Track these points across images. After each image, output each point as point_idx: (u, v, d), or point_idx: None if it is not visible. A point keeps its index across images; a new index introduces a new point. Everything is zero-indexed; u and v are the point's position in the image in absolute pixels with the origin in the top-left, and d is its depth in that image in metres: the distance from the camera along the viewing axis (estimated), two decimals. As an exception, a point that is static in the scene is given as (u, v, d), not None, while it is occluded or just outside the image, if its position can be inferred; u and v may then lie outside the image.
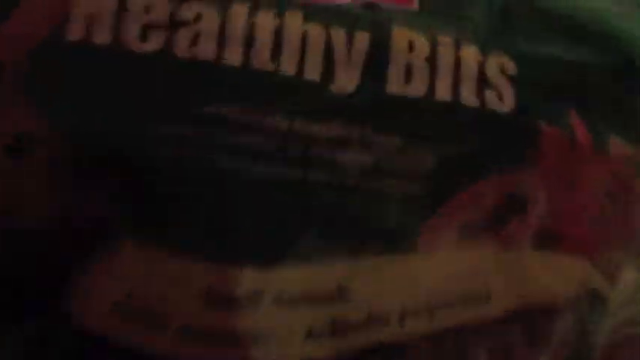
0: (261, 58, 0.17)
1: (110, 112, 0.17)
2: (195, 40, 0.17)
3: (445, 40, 0.19)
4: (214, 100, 0.17)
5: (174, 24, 0.17)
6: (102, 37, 0.17)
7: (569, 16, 0.20)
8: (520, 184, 0.19)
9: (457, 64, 0.18)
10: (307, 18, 0.18)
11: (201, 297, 0.18)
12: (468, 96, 0.18)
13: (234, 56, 0.17)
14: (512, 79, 0.19)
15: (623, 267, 0.21)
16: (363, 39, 0.18)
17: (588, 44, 0.20)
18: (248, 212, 0.18)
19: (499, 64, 0.19)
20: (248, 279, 0.18)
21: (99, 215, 0.17)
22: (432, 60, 0.18)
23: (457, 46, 0.19)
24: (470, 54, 0.19)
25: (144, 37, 0.17)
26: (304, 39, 0.18)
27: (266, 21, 0.18)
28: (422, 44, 0.18)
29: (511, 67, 0.19)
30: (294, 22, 0.18)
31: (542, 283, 0.20)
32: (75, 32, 0.17)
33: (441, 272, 0.19)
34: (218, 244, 0.18)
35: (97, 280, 0.18)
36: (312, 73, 0.18)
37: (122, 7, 0.17)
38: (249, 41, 0.17)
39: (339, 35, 0.18)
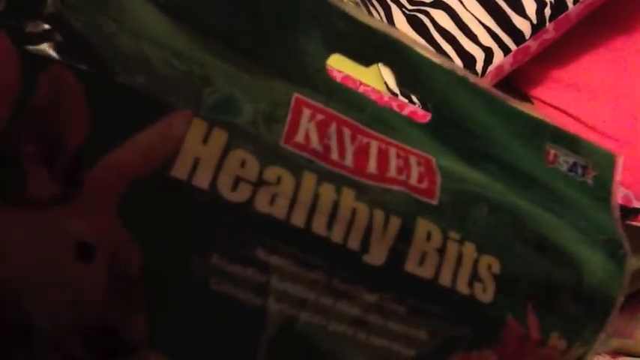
0: (320, 224, 0.21)
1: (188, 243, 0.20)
2: (273, 199, 0.21)
3: (453, 236, 0.23)
4: (277, 251, 0.20)
5: (260, 182, 0.21)
6: (201, 181, 0.20)
7: (543, 236, 0.25)
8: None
9: (459, 258, 0.23)
10: (357, 197, 0.22)
11: None
12: (463, 285, 0.23)
13: (300, 218, 0.21)
14: (495, 277, 0.24)
15: None
16: (395, 224, 0.22)
17: (551, 260, 0.25)
18: (271, 346, 0.21)
19: (488, 264, 0.24)
20: None
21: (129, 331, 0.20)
22: (441, 251, 0.23)
23: (461, 242, 0.23)
24: (469, 251, 0.23)
25: (234, 187, 0.20)
26: (353, 214, 0.22)
27: (327, 192, 0.21)
28: (437, 236, 0.23)
29: (496, 267, 0.24)
30: (347, 198, 0.22)
31: None
32: (179, 171, 0.20)
33: None
34: None
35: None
36: (354, 243, 0.22)
37: (223, 157, 0.20)
38: (313, 207, 0.21)
39: (378, 217, 0.22)
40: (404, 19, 0.55)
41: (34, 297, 0.19)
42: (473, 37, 0.53)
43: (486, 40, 0.53)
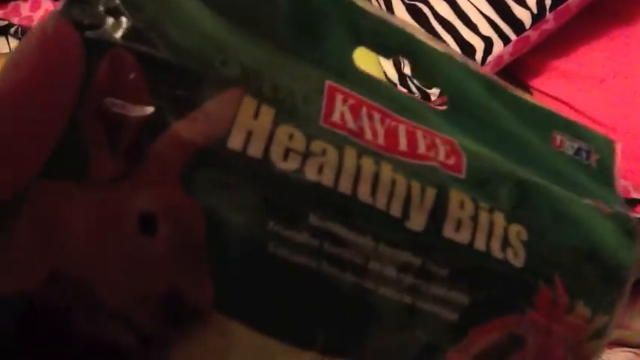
0: (365, 192, 0.22)
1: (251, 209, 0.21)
2: (320, 169, 0.22)
3: (483, 206, 0.25)
4: (328, 217, 0.22)
5: (308, 153, 0.22)
6: (255, 151, 0.21)
7: (561, 209, 0.27)
8: (519, 326, 0.25)
9: (491, 225, 0.25)
10: (394, 169, 0.23)
11: None
12: (497, 250, 0.24)
13: (346, 186, 0.22)
14: (524, 244, 0.25)
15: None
16: (431, 193, 0.24)
17: (570, 230, 0.27)
18: (324, 307, 0.22)
19: (517, 231, 0.25)
20: None
21: (196, 295, 0.21)
22: (474, 219, 0.24)
23: (491, 211, 0.25)
24: (499, 220, 0.25)
25: (285, 157, 0.21)
26: (393, 185, 0.23)
27: (368, 164, 0.23)
28: (468, 205, 0.24)
29: (524, 235, 0.25)
30: (386, 170, 0.23)
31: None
32: (235, 142, 0.21)
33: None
34: (292, 328, 0.21)
35: (187, 347, 0.21)
36: (396, 211, 0.23)
37: (273, 130, 0.22)
38: (357, 177, 0.22)
39: (415, 187, 0.23)
40: (403, 8, 0.56)
41: (105, 276, 0.20)
42: (473, 27, 0.55)
43: (486, 29, 0.55)
